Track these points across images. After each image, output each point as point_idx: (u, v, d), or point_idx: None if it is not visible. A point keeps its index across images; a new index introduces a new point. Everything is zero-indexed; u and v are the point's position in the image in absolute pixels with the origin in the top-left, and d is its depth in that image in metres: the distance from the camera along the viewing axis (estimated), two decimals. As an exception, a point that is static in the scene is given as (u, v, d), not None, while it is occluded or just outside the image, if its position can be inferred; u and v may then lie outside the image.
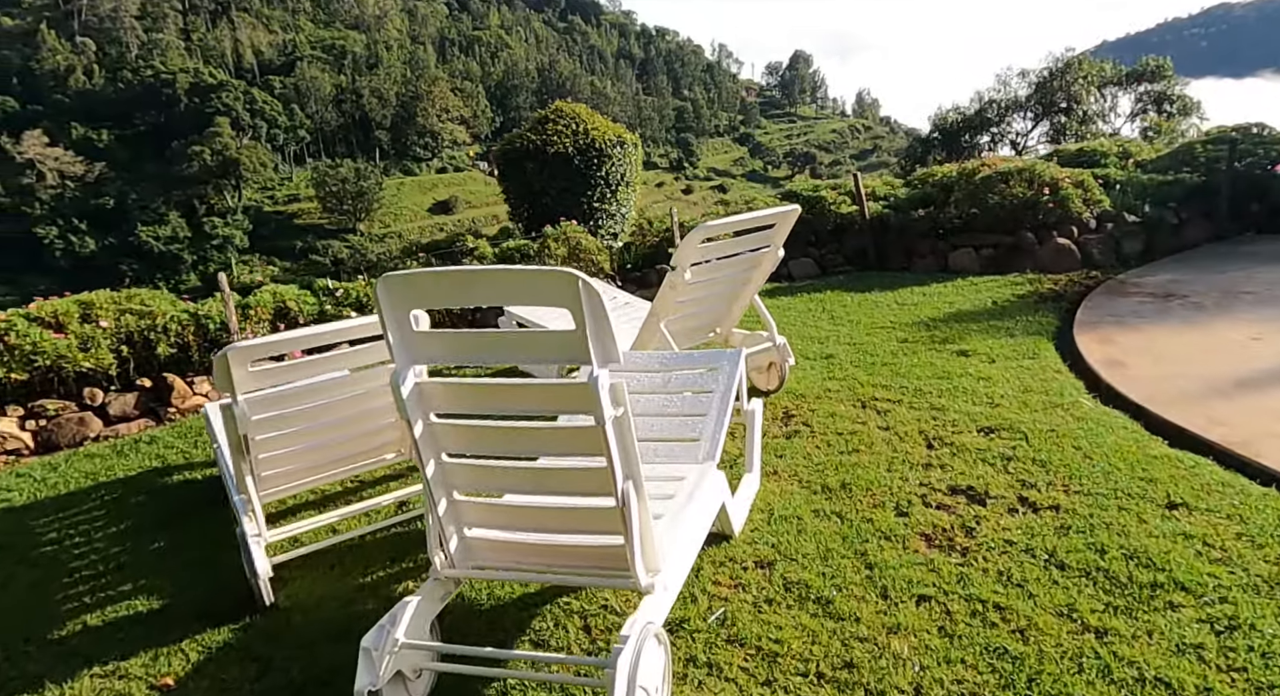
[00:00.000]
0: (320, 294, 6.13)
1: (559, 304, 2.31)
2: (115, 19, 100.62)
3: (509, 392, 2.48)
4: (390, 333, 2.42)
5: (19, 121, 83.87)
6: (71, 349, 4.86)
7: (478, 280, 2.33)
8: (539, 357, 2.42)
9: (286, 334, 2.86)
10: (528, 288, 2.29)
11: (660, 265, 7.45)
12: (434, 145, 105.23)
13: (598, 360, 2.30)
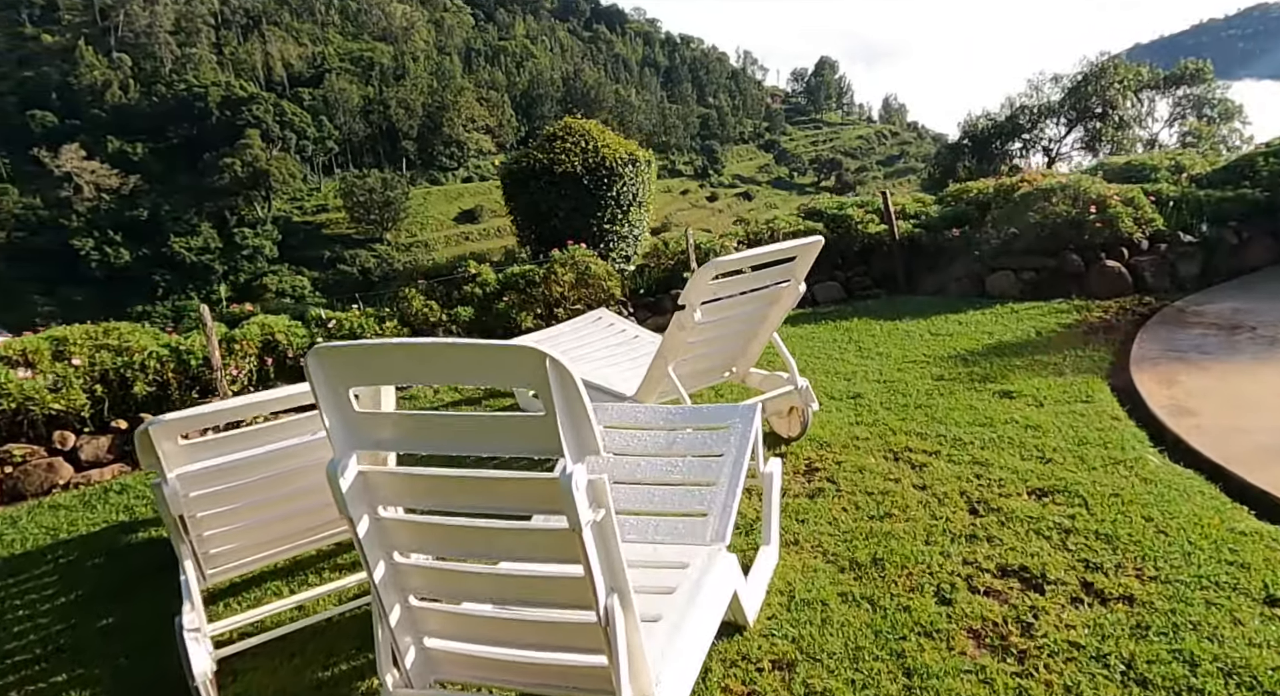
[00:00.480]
0: (312, 324, 5.79)
1: (524, 384, 1.89)
2: (151, 34, 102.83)
3: (471, 486, 2.06)
4: (326, 414, 2.01)
5: (57, 135, 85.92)
6: (40, 390, 4.55)
7: (428, 356, 1.92)
8: (504, 449, 2.01)
9: (215, 405, 2.47)
10: (488, 365, 1.88)
11: (675, 290, 7.03)
12: (460, 155, 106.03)
13: (571, 453, 1.88)
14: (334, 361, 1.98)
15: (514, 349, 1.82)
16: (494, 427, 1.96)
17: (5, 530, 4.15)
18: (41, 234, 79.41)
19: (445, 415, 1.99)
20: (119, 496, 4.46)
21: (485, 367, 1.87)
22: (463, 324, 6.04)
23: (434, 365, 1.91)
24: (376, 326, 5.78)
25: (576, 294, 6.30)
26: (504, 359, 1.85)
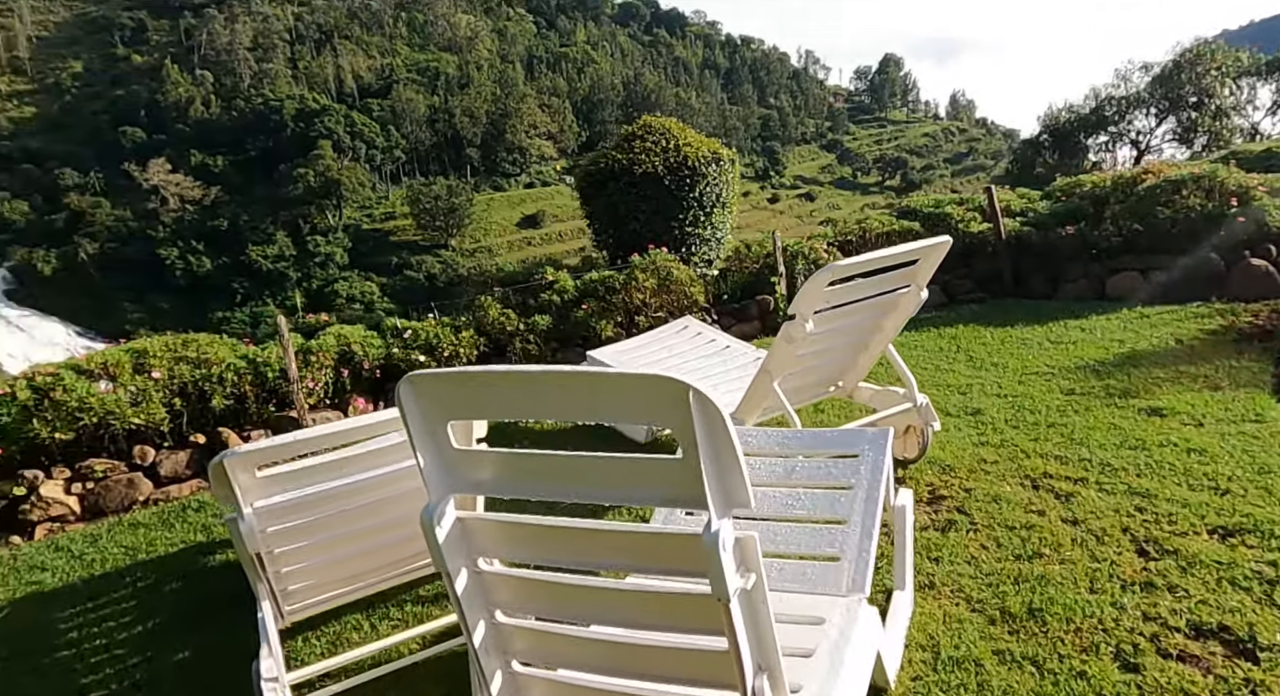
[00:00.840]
0: (388, 334, 5.61)
1: (659, 421, 1.56)
2: (231, 51, 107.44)
3: (591, 540, 1.74)
4: (420, 450, 1.72)
5: (146, 150, 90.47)
6: (120, 404, 4.46)
7: (543, 387, 1.59)
8: (632, 497, 1.68)
9: (294, 435, 2.21)
10: (617, 398, 1.55)
11: (761, 295, 6.64)
12: (522, 161, 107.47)
13: (716, 506, 1.53)
14: (431, 391, 1.68)
15: (650, 380, 1.49)
16: (621, 471, 1.63)
17: (86, 549, 4.04)
18: (131, 244, 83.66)
19: (562, 456, 1.67)
20: (196, 514, 4.32)
21: (613, 401, 1.54)
22: (540, 333, 5.78)
23: (550, 398, 1.59)
24: (453, 336, 5.56)
25: (658, 301, 5.98)
26: (637, 391, 1.51)
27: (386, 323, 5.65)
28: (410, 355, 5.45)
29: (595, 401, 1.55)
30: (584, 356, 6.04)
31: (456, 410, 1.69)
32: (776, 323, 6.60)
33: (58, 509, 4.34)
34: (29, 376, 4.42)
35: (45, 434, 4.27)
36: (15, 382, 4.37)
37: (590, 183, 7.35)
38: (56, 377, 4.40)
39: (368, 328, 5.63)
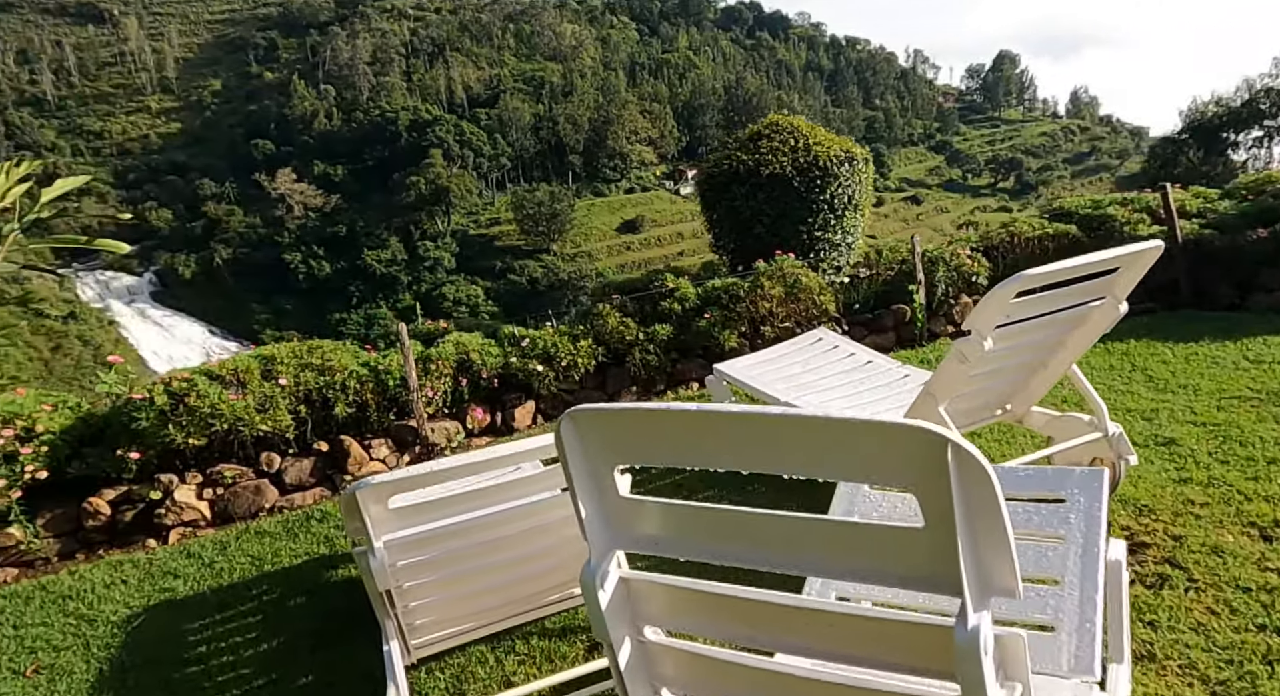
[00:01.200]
0: (505, 342, 5.47)
1: (899, 479, 1.21)
2: (352, 66, 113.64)
3: (796, 618, 1.41)
4: (582, 498, 1.44)
5: (274, 161, 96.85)
6: (249, 411, 4.47)
7: (750, 431, 1.28)
8: (856, 572, 1.34)
9: (430, 465, 1.98)
10: (846, 450, 1.22)
11: (896, 304, 6.13)
12: (623, 166, 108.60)
13: (974, 594, 1.17)
14: (598, 429, 1.40)
15: (895, 430, 1.15)
16: (842, 538, 1.29)
17: (216, 557, 4.03)
18: (260, 249, 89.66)
19: (763, 515, 1.34)
20: (319, 525, 4.26)
21: (841, 453, 1.21)
22: (660, 342, 5.51)
23: (755, 444, 1.27)
24: (571, 345, 5.36)
25: (785, 310, 5.59)
26: (876, 442, 1.18)
27: (504, 330, 5.51)
28: (528, 364, 5.28)
29: (816, 453, 1.22)
30: (705, 368, 5.73)
31: (629, 452, 1.40)
32: (913, 334, 6.09)
33: (190, 514, 4.39)
34: (166, 381, 4.49)
35: (180, 439, 4.32)
36: (153, 387, 4.44)
37: (712, 185, 7.02)
38: (191, 383, 4.45)
39: (485, 335, 5.51)
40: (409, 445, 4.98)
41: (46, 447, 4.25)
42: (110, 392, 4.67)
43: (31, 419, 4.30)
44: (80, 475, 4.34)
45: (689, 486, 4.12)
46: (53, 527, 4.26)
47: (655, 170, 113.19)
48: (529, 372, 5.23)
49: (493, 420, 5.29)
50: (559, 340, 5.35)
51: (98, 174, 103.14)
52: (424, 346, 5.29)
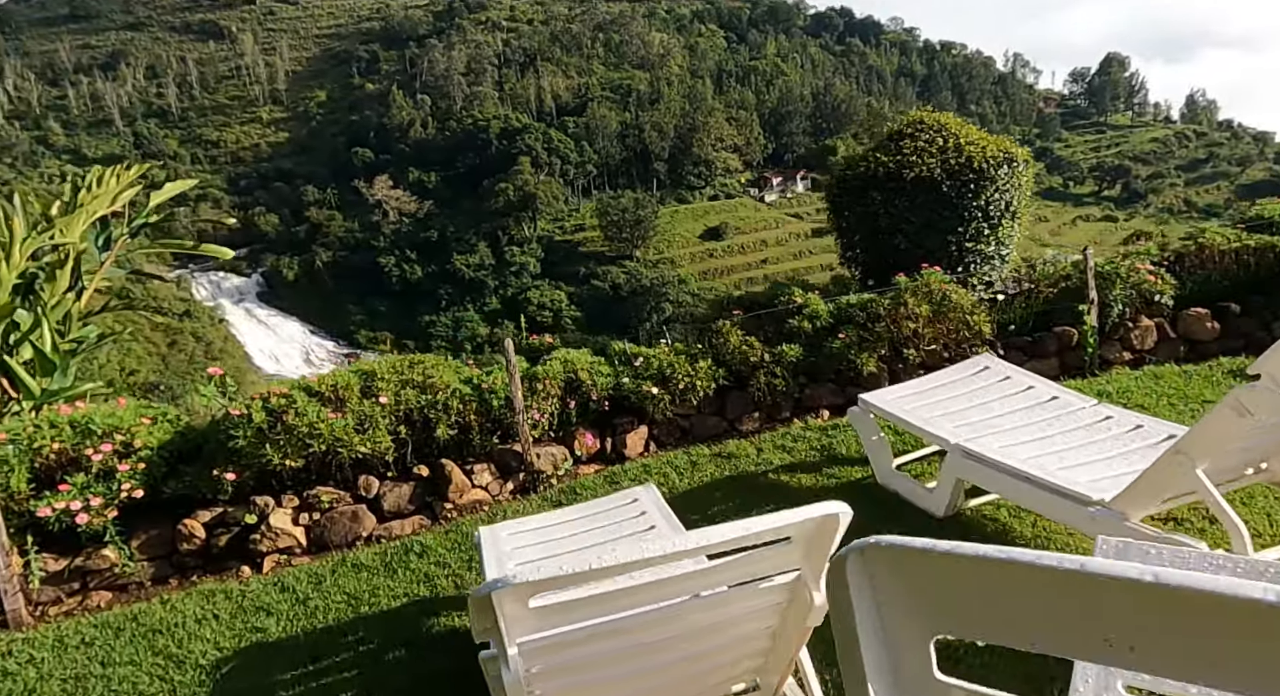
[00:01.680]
0: (616, 361, 5.02)
1: None
2: (447, 77, 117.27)
3: None
4: (871, 674, 0.91)
5: (373, 168, 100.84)
6: (348, 431, 4.16)
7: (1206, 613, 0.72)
8: None
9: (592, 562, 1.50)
10: None
11: (1059, 327, 5.35)
12: (707, 174, 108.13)
13: None
14: (909, 578, 0.87)
15: None
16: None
17: (310, 592, 3.71)
18: (357, 253, 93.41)
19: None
20: (419, 560, 3.90)
21: None
22: (788, 365, 4.94)
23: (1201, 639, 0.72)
24: (688, 366, 4.86)
25: (931, 331, 4.94)
26: None
27: (614, 347, 5.06)
28: (641, 386, 4.81)
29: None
30: (838, 394, 5.14)
31: (955, 618, 0.88)
32: (1081, 361, 5.31)
33: (285, 540, 4.11)
34: (264, 397, 4.24)
35: (277, 460, 4.04)
36: (251, 404, 4.19)
37: (845, 190, 6.40)
38: (289, 400, 4.18)
39: (593, 352, 5.07)
40: (513, 471, 4.59)
41: (144, 464, 4.05)
42: (209, 405, 4.46)
43: (130, 433, 4.11)
44: (176, 495, 4.12)
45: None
46: (147, 550, 4.06)
47: (740, 177, 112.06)
48: (642, 395, 4.76)
49: (602, 446, 4.85)
50: (675, 360, 4.86)
51: (213, 181, 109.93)
52: (529, 363, 4.89)
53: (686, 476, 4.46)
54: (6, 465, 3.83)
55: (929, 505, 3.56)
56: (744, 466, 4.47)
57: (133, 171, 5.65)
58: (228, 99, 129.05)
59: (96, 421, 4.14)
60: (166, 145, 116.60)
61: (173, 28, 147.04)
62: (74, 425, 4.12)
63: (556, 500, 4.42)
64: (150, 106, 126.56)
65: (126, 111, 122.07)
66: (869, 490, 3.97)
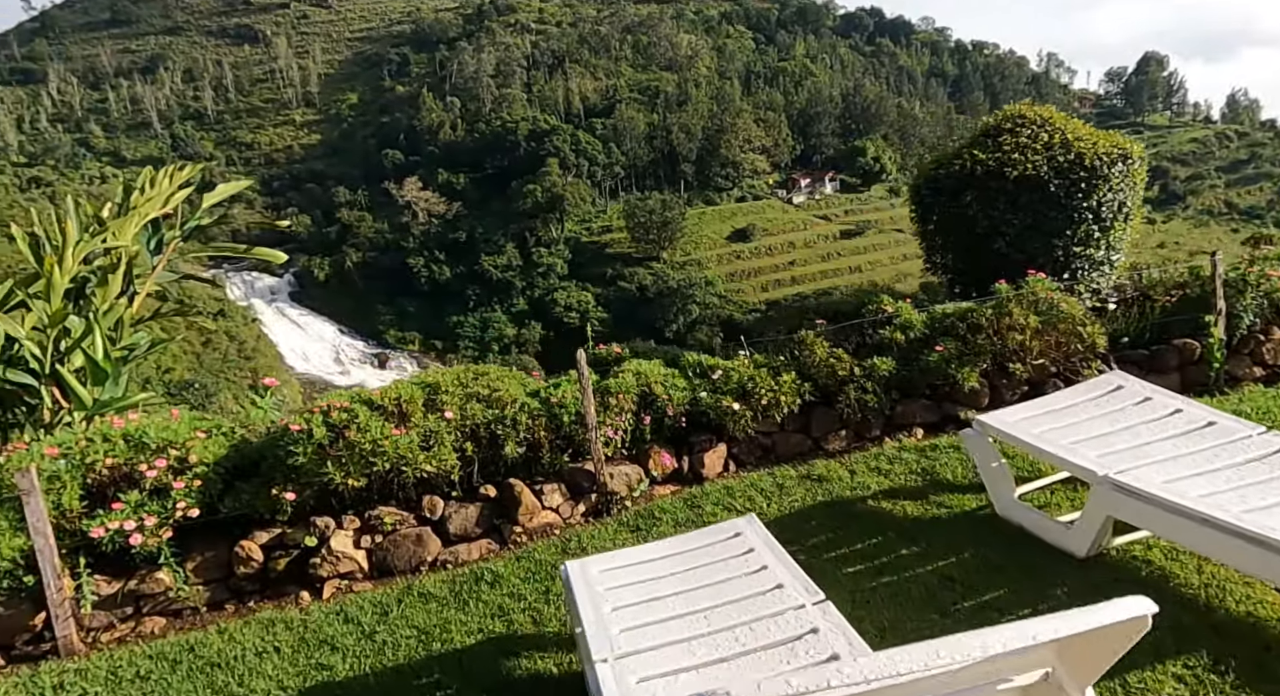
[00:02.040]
0: (690, 374, 4.68)
1: None
2: (476, 79, 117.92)
3: None
4: None
5: (402, 170, 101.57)
6: (413, 448, 3.88)
7: None
8: None
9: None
10: None
11: (1181, 338, 4.89)
12: (735, 175, 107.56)
13: None
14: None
15: None
16: None
17: (376, 625, 3.42)
18: (386, 254, 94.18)
19: None
20: (491, 590, 3.60)
21: None
22: (879, 379, 4.56)
23: None
24: (771, 380, 4.50)
25: (1039, 343, 4.54)
26: None
27: (687, 359, 4.72)
28: (720, 401, 4.47)
29: None
30: (933, 411, 4.76)
31: None
32: (1205, 377, 4.85)
33: (346, 565, 3.83)
34: (324, 410, 3.96)
35: (339, 479, 3.77)
36: (311, 418, 3.92)
37: (938, 190, 5.98)
38: (351, 414, 3.90)
39: (665, 363, 4.74)
40: (584, 492, 4.27)
41: (199, 481, 3.80)
42: (264, 419, 4.20)
43: (185, 447, 3.86)
44: (232, 515, 3.86)
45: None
46: (202, 573, 3.80)
47: (768, 179, 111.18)
48: (721, 411, 4.42)
49: (679, 465, 4.51)
50: (757, 374, 4.51)
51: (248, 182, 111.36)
52: (598, 376, 4.57)
53: (774, 501, 4.11)
54: (59, 481, 3.60)
55: (1067, 543, 3.18)
56: (837, 491, 4.11)
57: (185, 172, 5.44)
58: (262, 101, 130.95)
59: (150, 435, 3.90)
60: (202, 147, 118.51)
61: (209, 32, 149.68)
62: (127, 439, 3.89)
63: (633, 524, 4.09)
64: (187, 109, 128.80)
65: (164, 114, 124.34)
66: (987, 522, 3.59)
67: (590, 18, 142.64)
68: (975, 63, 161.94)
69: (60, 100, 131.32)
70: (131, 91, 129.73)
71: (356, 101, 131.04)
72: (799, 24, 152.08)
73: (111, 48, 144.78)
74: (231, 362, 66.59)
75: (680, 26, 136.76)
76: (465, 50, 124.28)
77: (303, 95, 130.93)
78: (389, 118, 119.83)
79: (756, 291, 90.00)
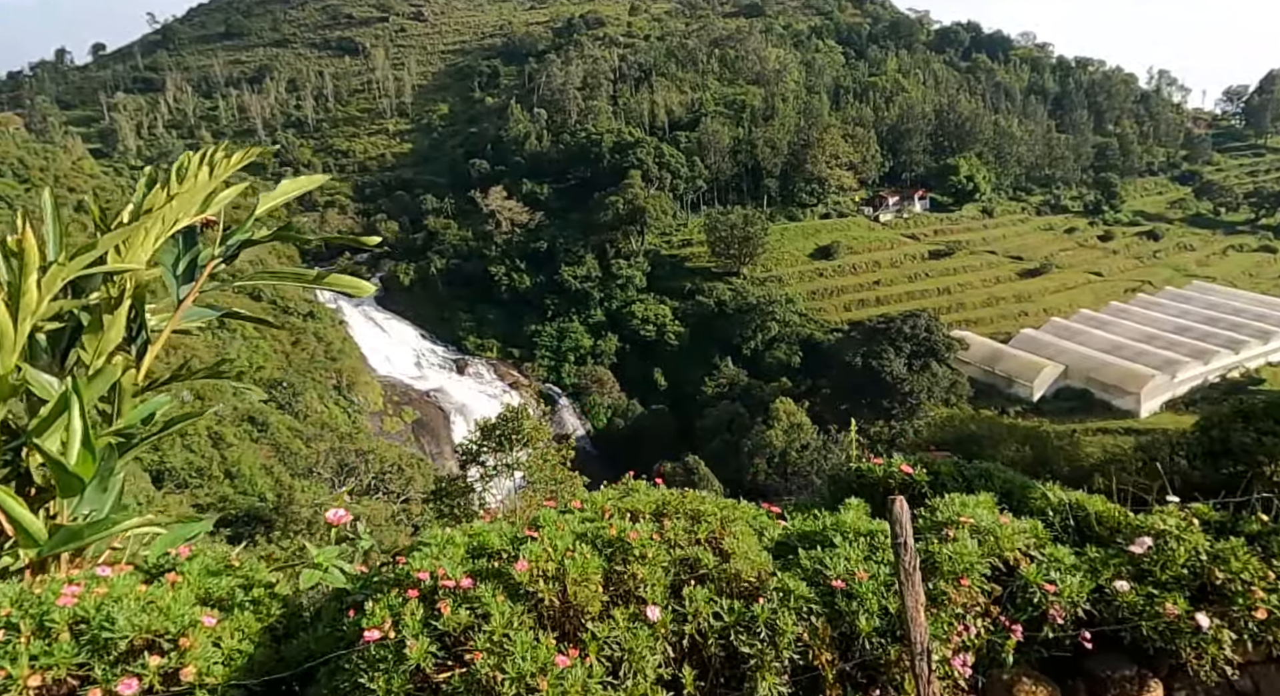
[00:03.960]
0: (1056, 523, 2.64)
1: None
2: (563, 91, 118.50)
3: None
4: None
5: (488, 180, 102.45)
6: (591, 689, 1.97)
7: None
8: None
9: None
10: None
11: None
12: (819, 192, 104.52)
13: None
14: None
15: None
16: None
17: None
18: (470, 261, 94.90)
19: None
20: None
21: None
22: None
23: None
24: (1262, 566, 2.39)
25: None
26: None
27: (1045, 496, 2.66)
28: (1157, 601, 2.38)
29: None
30: None
31: None
32: None
33: None
34: (426, 591, 2.10)
35: None
36: (402, 611, 2.06)
37: None
38: (476, 608, 2.02)
39: (999, 495, 2.70)
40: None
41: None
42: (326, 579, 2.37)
43: (180, 647, 2.06)
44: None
45: None
46: None
47: (854, 196, 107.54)
48: (1164, 623, 2.32)
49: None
50: (1228, 549, 2.39)
51: (342, 188, 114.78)
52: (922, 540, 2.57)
53: None
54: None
55: None
56: None
57: (235, 158, 3.65)
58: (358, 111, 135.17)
59: (119, 622, 2.13)
60: (301, 154, 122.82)
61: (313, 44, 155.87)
62: (77, 630, 2.12)
63: None
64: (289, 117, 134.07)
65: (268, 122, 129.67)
66: None
67: (678, 31, 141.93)
68: (1079, 80, 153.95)
69: (175, 107, 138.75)
70: (240, 100, 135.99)
71: (447, 111, 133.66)
72: (891, 39, 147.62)
73: (224, 58, 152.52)
74: (318, 363, 67.52)
75: (769, 41, 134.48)
76: (554, 63, 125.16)
77: (396, 105, 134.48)
78: (477, 128, 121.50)
79: (839, 310, 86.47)
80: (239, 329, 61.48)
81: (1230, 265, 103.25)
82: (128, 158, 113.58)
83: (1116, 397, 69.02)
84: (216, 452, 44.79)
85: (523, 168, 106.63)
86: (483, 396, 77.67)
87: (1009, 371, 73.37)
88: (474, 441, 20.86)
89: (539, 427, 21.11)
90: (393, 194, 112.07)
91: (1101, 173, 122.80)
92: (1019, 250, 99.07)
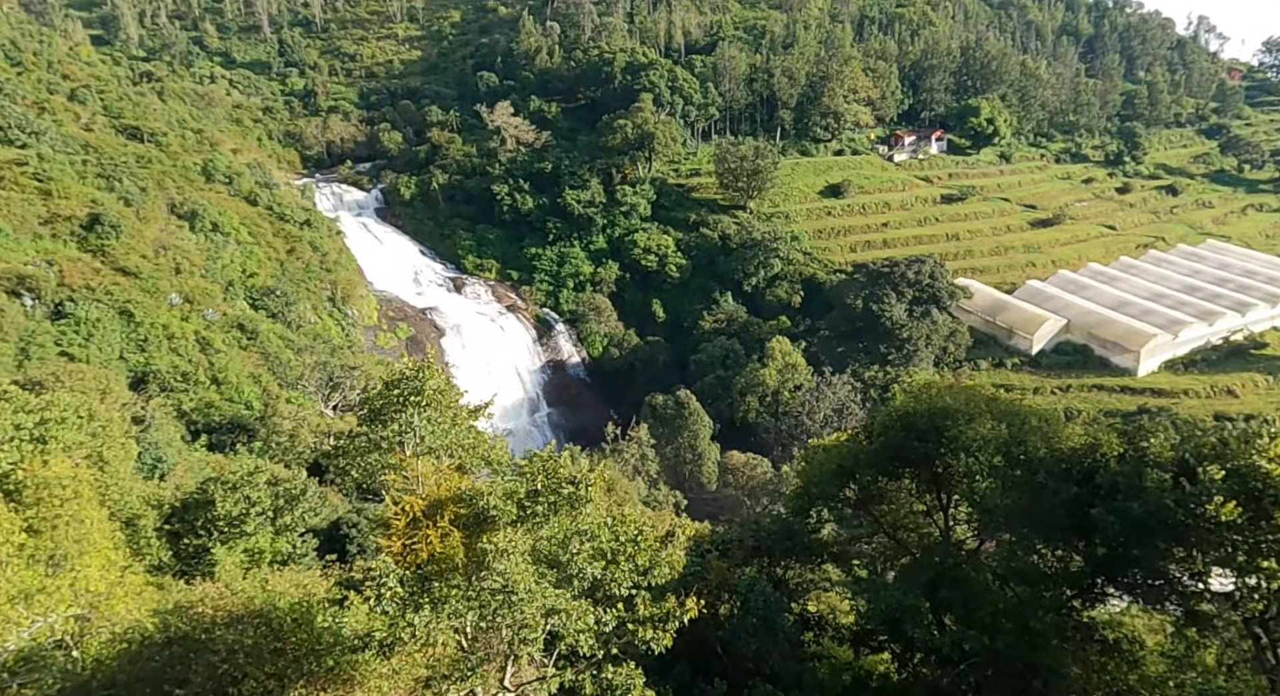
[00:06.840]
0: None
1: None
2: (578, 5, 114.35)
3: None
4: None
5: (495, 95, 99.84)
6: None
7: None
8: None
9: None
10: None
11: None
12: (835, 127, 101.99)
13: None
14: None
15: None
16: None
17: None
18: (471, 178, 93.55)
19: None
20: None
21: None
22: None
23: None
24: None
25: None
26: None
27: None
28: None
29: None
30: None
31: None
32: None
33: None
34: None
35: None
36: None
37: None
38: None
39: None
40: None
41: None
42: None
43: None
44: None
45: None
46: None
47: (870, 133, 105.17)
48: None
49: None
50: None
51: (346, 94, 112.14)
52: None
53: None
54: None
55: None
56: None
57: None
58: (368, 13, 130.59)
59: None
60: (307, 55, 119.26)
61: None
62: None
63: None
64: (296, 15, 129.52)
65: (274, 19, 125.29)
66: None
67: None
68: (1114, 22, 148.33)
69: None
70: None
71: (459, 19, 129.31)
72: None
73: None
74: (313, 273, 67.42)
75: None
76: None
77: (407, 9, 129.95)
78: (488, 38, 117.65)
79: (844, 251, 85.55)
80: (233, 233, 61.28)
81: (1248, 225, 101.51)
82: (129, 47, 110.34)
83: (1116, 355, 69.20)
84: (204, 357, 45.08)
85: (532, 84, 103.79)
86: (480, 317, 77.95)
87: (1010, 323, 73.39)
88: (376, 396, 18.18)
89: (444, 390, 17.90)
90: (398, 103, 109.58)
91: (1127, 121, 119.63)
92: (1034, 198, 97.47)
